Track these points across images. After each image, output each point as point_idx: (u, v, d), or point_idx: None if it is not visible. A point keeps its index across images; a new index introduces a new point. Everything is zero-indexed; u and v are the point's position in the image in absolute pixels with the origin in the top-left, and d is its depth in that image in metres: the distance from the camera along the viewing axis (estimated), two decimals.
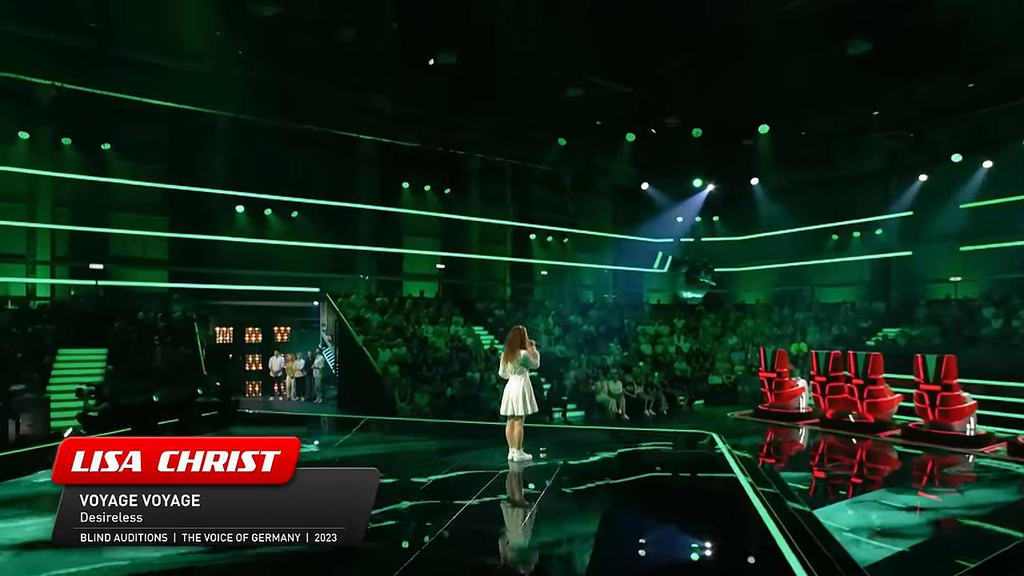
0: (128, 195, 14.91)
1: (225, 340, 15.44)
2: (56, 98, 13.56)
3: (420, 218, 18.82)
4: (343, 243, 16.99)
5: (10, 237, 13.88)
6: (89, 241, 14.29)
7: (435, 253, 19.00)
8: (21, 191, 14.01)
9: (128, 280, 14.96)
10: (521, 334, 6.40)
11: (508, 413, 6.32)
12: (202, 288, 14.99)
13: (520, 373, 6.26)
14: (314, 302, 15.60)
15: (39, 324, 11.41)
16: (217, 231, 15.18)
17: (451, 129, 18.09)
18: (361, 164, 18.08)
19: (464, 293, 18.62)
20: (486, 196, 20.12)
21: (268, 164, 15.88)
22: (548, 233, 20.77)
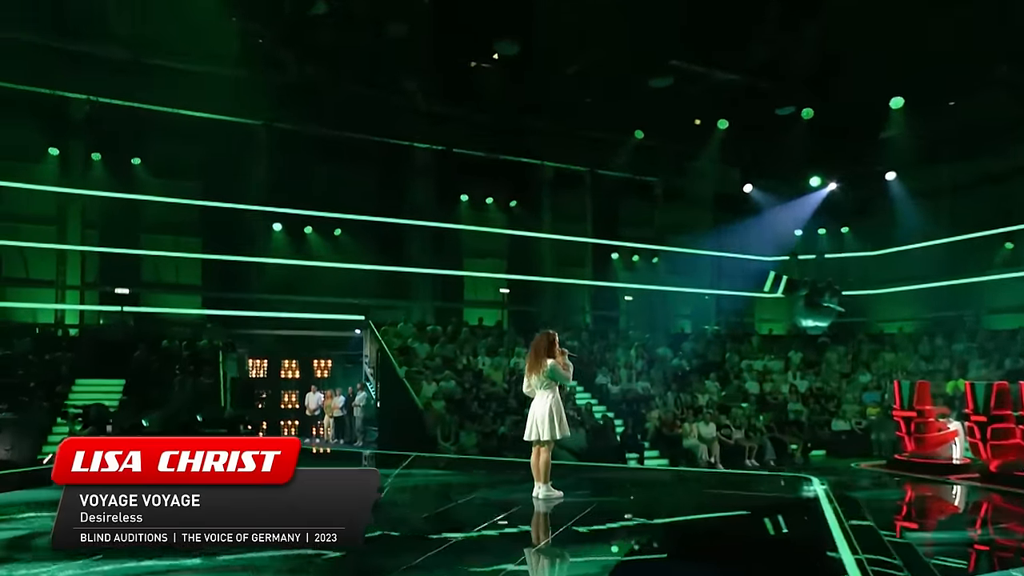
0: (161, 215, 16.33)
1: (259, 373, 16.43)
2: (89, 113, 15.14)
3: (483, 236, 19.54)
4: (393, 265, 17.89)
5: (40, 261, 15.52)
6: (120, 265, 15.66)
7: (500, 276, 19.54)
8: (51, 212, 15.64)
9: (161, 307, 16.31)
10: (549, 340, 6.30)
11: (532, 438, 6.16)
12: (236, 315, 16.07)
13: (548, 388, 6.13)
14: (356, 331, 16.25)
15: (58, 352, 12.65)
16: (253, 252, 16.27)
17: (516, 133, 18.70)
18: (413, 175, 18.97)
19: (533, 321, 18.96)
20: (559, 209, 20.67)
21: (309, 177, 17.04)
22: (633, 251, 20.97)
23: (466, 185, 19.07)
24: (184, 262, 16.72)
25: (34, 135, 15.15)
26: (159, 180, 16.22)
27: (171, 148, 16.47)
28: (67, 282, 15.66)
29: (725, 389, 14.97)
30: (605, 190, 20.71)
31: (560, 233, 20.29)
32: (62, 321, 15.60)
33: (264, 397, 15.93)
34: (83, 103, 15.42)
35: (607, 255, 20.79)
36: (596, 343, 16.87)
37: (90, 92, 15.22)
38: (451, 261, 18.71)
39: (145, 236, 16.47)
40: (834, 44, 15.47)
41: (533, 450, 6.21)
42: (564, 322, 19.08)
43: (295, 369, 16.99)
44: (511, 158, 19.44)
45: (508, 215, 19.93)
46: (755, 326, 21.59)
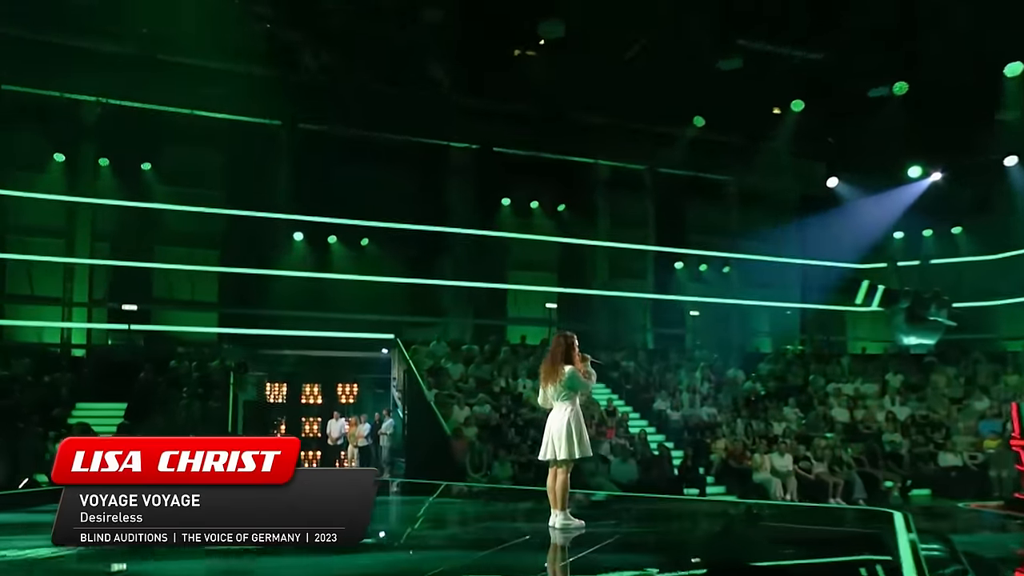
0: (175, 225, 16.94)
1: (277, 398, 16.73)
2: (100, 115, 15.94)
3: (528, 245, 19.64)
4: (427, 278, 18.24)
5: (46, 276, 16.18)
6: (130, 280, 16.25)
7: (547, 289, 19.48)
8: (58, 223, 16.38)
9: (174, 325, 16.97)
10: (567, 343, 6.23)
11: (547, 457, 6.13)
12: (254, 334, 16.46)
13: (566, 400, 6.09)
14: (383, 351, 16.36)
15: (58, 373, 13.15)
16: (272, 264, 16.68)
17: (564, 128, 18.77)
18: (449, 177, 19.36)
19: (586, 339, 19.30)
20: (615, 213, 20.77)
21: (333, 181, 17.28)
22: (701, 260, 20.80)
23: (508, 188, 19.21)
24: (199, 277, 17.28)
25: (39, 140, 15.89)
26: (171, 188, 16.80)
27: (184, 152, 17.22)
28: (74, 299, 16.38)
29: (806, 416, 14.64)
30: (667, 190, 20.60)
31: (616, 240, 20.26)
32: (69, 340, 16.32)
33: (280, 423, 16.18)
34: (93, 105, 16.22)
35: (670, 265, 20.60)
36: (655, 364, 16.78)
37: (98, 93, 16.00)
38: (492, 273, 18.85)
39: (159, 248, 17.08)
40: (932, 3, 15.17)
41: (549, 472, 6.18)
42: (620, 341, 18.88)
43: (317, 394, 17.20)
44: (558, 156, 19.52)
45: (556, 220, 19.98)
46: (846, 344, 21.08)
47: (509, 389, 14.54)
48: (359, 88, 17.02)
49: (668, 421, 14.69)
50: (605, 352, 17.70)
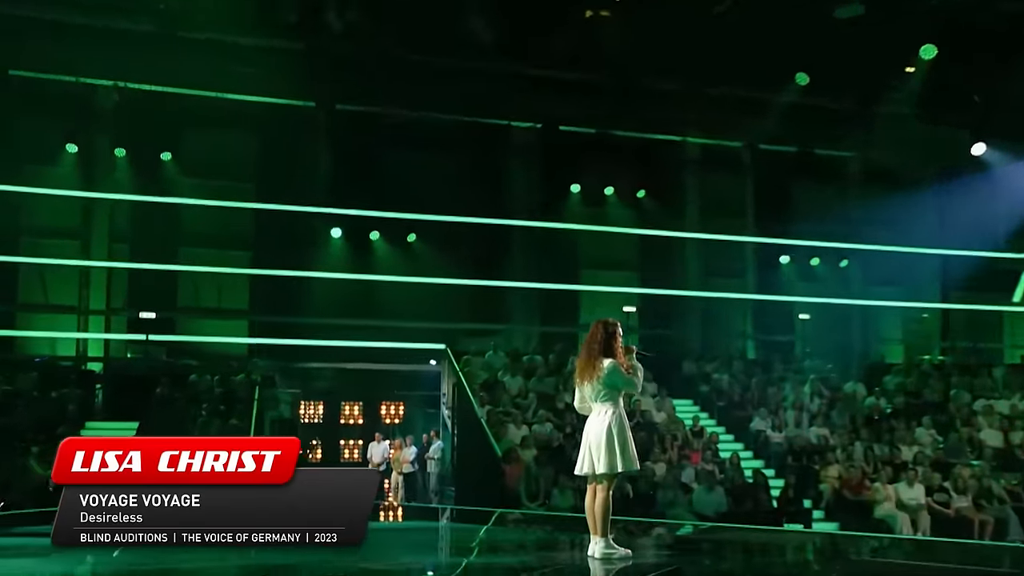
0: (200, 223, 17.50)
1: (314, 418, 17.13)
2: (116, 101, 16.66)
3: (603, 238, 19.60)
4: (484, 278, 18.36)
5: (61, 282, 16.90)
6: (152, 286, 16.85)
7: (626, 290, 19.35)
8: (73, 223, 17.09)
9: (201, 335, 17.47)
10: (607, 331, 6.06)
11: (584, 471, 6.00)
12: (287, 344, 16.93)
13: (608, 401, 5.92)
14: (431, 362, 16.60)
15: (65, 388, 13.71)
16: (307, 265, 17.12)
17: (644, 100, 18.48)
18: (509, 162, 19.42)
19: (671, 347, 18.84)
20: (708, 199, 20.51)
21: (376, 170, 17.65)
22: (812, 252, 20.24)
23: (578, 172, 19.05)
24: (228, 281, 17.86)
25: (49, 130, 16.62)
26: (195, 180, 17.40)
27: (209, 141, 17.81)
28: (90, 307, 17.07)
29: (946, 439, 14.23)
30: (770, 170, 20.21)
31: (708, 231, 19.99)
32: (84, 353, 17.00)
33: (316, 446, 16.51)
34: (109, 90, 16.95)
35: (775, 259, 20.19)
36: (755, 377, 16.48)
37: (113, 76, 16.73)
38: (560, 272, 18.81)
39: (184, 250, 17.78)
40: None
41: (588, 490, 6.05)
42: (714, 350, 18.77)
43: (358, 414, 17.46)
44: (637, 134, 19.34)
45: (635, 209, 19.75)
46: (1001, 352, 20.52)
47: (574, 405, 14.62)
48: (403, 62, 17.25)
49: (768, 444, 14.42)
50: (695, 363, 17.59)
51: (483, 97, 18.46)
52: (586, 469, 6.06)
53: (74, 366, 16.17)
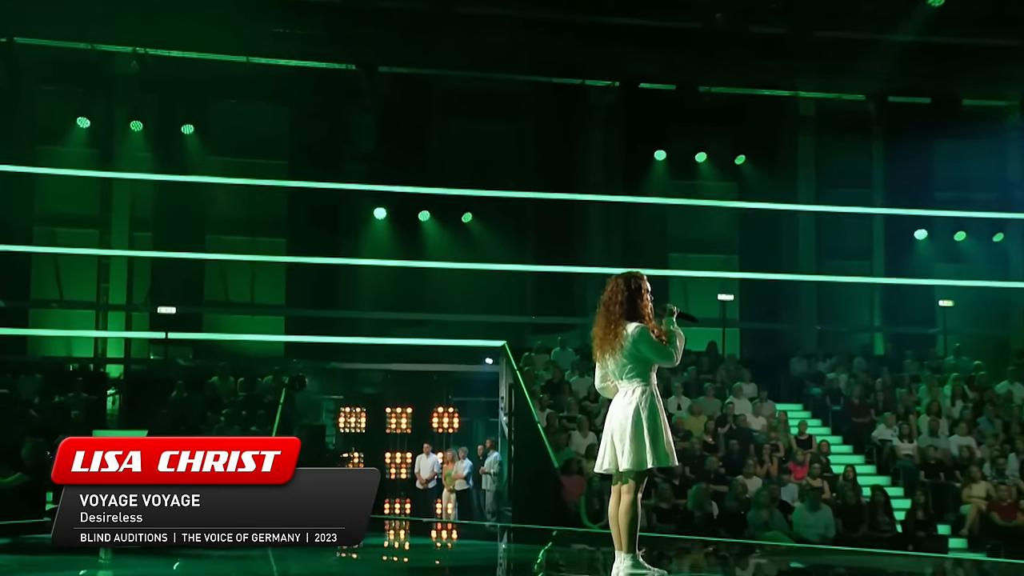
0: (229, 206, 18.18)
1: (357, 427, 17.38)
2: (135, 69, 17.33)
3: (694, 214, 19.70)
4: (552, 263, 18.59)
5: (77, 275, 17.77)
6: (177, 279, 17.58)
7: (723, 274, 19.41)
8: (89, 209, 17.99)
9: (232, 332, 18.18)
10: (631, 287, 5.70)
11: (605, 468, 5.70)
12: (326, 342, 17.41)
13: (636, 378, 5.55)
14: (487, 361, 16.87)
15: (70, 393, 14.27)
16: (346, 251, 17.75)
17: (741, 48, 18.52)
18: (581, 126, 19.60)
19: (772, 345, 18.89)
20: (823, 166, 20.43)
21: (426, 140, 18.16)
22: (957, 225, 19.78)
23: (663, 136, 19.05)
24: (261, 271, 18.52)
25: (61, 104, 17.57)
26: (221, 158, 18.16)
27: (237, 112, 18.62)
28: (110, 301, 17.96)
29: None
30: (903, 125, 19.72)
31: (825, 202, 19.89)
32: (103, 353, 17.75)
33: (353, 457, 16.79)
34: (127, 57, 17.71)
35: (908, 234, 19.86)
36: (880, 376, 16.28)
37: (134, 42, 17.49)
38: (644, 255, 18.67)
39: (211, 237, 18.55)
40: None
41: (612, 492, 5.72)
42: (832, 346, 18.61)
43: (406, 424, 17.60)
44: (734, 90, 19.25)
45: (734, 179, 19.77)
46: None
47: None
48: (456, 16, 17.64)
49: (894, 456, 14.20)
50: (806, 361, 17.46)
51: (550, 52, 18.60)
52: (607, 465, 5.69)
53: (81, 368, 16.82)
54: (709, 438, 14.14)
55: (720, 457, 13.55)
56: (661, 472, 12.78)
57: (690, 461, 13.34)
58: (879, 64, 19.00)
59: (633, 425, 5.61)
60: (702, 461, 13.34)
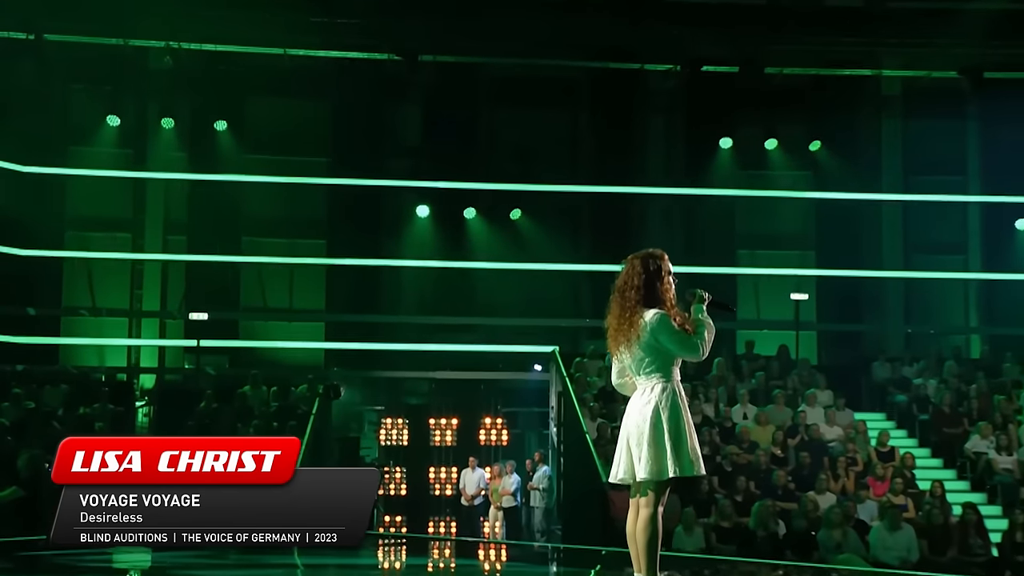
0: (266, 206, 18.64)
1: (398, 439, 17.37)
2: (168, 64, 17.85)
3: (767, 207, 19.60)
4: (607, 262, 18.85)
5: (110, 281, 18.36)
6: (212, 284, 18.10)
7: (798, 272, 19.24)
8: (121, 212, 18.59)
9: (269, 339, 18.58)
10: (650, 268, 5.46)
11: (621, 477, 5.44)
12: (366, 349, 17.72)
13: (656, 373, 5.33)
14: (535, 367, 16.83)
15: (96, 404, 14.55)
16: (388, 251, 18.03)
17: (816, 23, 18.43)
18: (641, 114, 19.64)
19: (855, 347, 18.61)
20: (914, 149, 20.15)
21: (473, 132, 18.37)
22: None
23: (729, 122, 19.00)
24: (301, 275, 18.99)
25: (90, 103, 18.19)
26: (257, 156, 18.59)
27: (273, 107, 19.11)
28: (143, 308, 18.46)
29: None
30: (1001, 106, 19.25)
31: (913, 191, 19.64)
32: (137, 363, 18.23)
33: (395, 473, 17.05)
34: (160, 52, 18.22)
35: (1008, 224, 19.52)
36: (976, 382, 15.99)
37: (167, 36, 17.97)
38: (709, 252, 18.83)
39: (247, 240, 18.96)
40: None
41: (631, 506, 5.47)
42: (920, 349, 18.35)
43: (451, 438, 17.68)
44: (807, 70, 19.14)
45: (809, 167, 19.50)
46: None
47: (717, 419, 14.35)
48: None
49: (990, 470, 13.90)
50: (890, 365, 17.19)
51: (605, 35, 18.62)
52: (622, 474, 5.39)
53: (108, 378, 17.23)
54: (777, 450, 13.92)
55: (789, 471, 13.32)
56: (723, 488, 12.94)
57: (755, 476, 13.16)
58: (973, 35, 18.63)
59: (652, 428, 5.34)
60: (768, 476, 13.10)
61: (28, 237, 17.84)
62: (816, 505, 12.20)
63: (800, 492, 12.80)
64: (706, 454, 13.37)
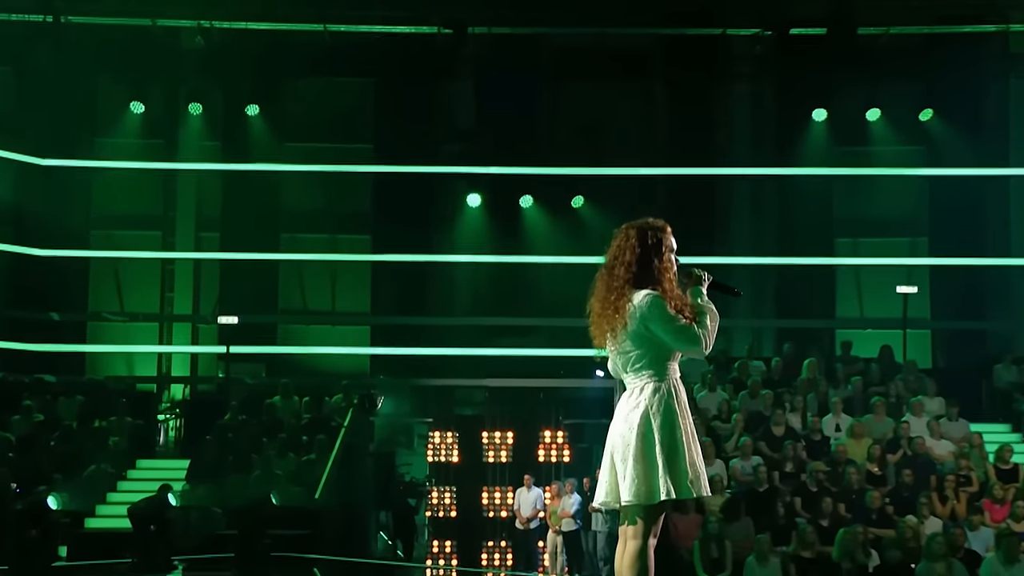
0: (304, 199, 18.63)
1: (448, 455, 16.91)
2: (200, 45, 17.88)
3: (867, 187, 19.03)
4: (688, 253, 18.44)
5: (141, 283, 18.38)
6: (248, 284, 17.97)
7: (907, 261, 18.80)
8: (153, 210, 18.63)
9: (310, 344, 18.45)
10: (646, 240, 4.90)
11: (603, 500, 4.98)
12: (413, 355, 17.48)
13: (646, 371, 4.84)
14: (597, 373, 16.15)
15: (112, 417, 14.58)
16: (438, 246, 17.81)
17: None
18: (724, 85, 19.25)
19: (976, 347, 17.90)
20: None
21: (525, 111, 18.03)
22: None
23: (821, 91, 18.52)
24: (345, 273, 18.83)
25: (114, 89, 18.13)
26: (295, 144, 18.55)
27: (313, 88, 19.07)
28: (174, 312, 18.46)
29: None
30: None
31: None
32: (168, 372, 18.18)
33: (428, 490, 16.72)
34: (192, 32, 18.23)
35: None
36: None
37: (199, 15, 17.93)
38: (803, 239, 18.46)
39: (285, 236, 18.88)
40: None
41: (619, 534, 4.97)
42: None
43: (506, 455, 17.25)
44: (914, 29, 18.54)
45: (921, 140, 18.88)
46: None
47: (804, 431, 13.94)
48: None
49: None
50: (1017, 368, 16.39)
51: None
52: (604, 496, 4.90)
53: (126, 389, 17.14)
54: (873, 467, 13.39)
55: (887, 492, 12.73)
56: (806, 511, 12.26)
57: (845, 497, 12.53)
58: None
59: (640, 440, 4.83)
60: (861, 497, 12.47)
61: (51, 236, 17.80)
62: (916, 532, 11.67)
63: (898, 517, 12.18)
64: (790, 471, 13.12)
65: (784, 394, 14.84)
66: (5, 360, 17.57)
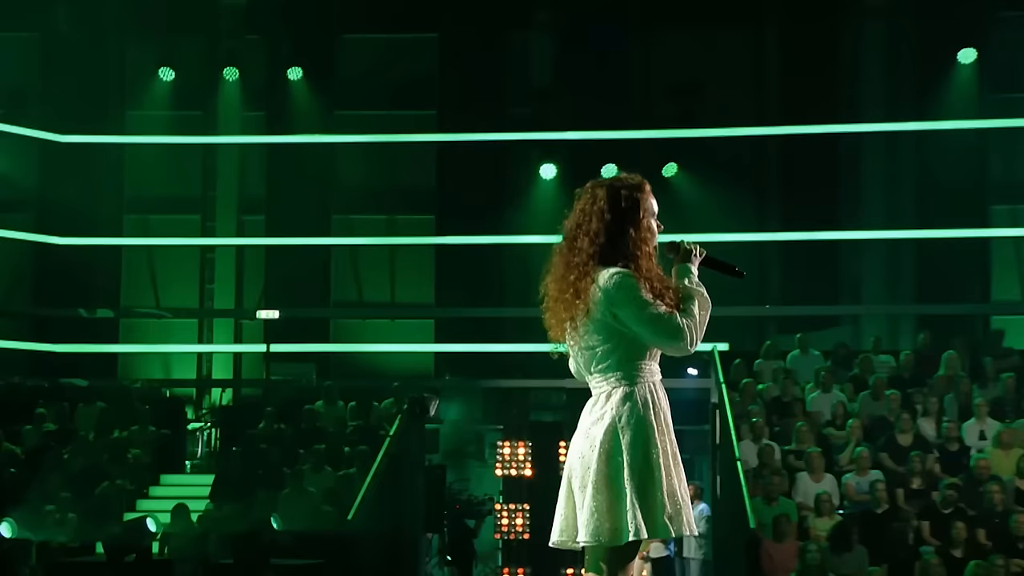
0: (358, 175, 18.55)
1: (518, 467, 16.13)
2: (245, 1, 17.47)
3: None
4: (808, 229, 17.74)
5: (178, 274, 18.29)
6: (295, 273, 17.91)
7: None
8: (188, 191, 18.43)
9: (365, 342, 18.31)
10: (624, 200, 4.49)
11: (558, 539, 4.62)
12: (487, 351, 17.26)
13: (614, 373, 4.45)
14: (689, 371, 16.11)
15: (134, 427, 14.25)
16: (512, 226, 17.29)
17: None
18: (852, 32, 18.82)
19: None
20: None
21: (612, 64, 17.78)
22: None
23: (970, 33, 17.76)
24: (405, 259, 18.66)
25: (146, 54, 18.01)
26: (348, 111, 18.36)
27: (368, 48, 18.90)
28: (215, 306, 18.26)
29: None
30: None
31: None
32: (208, 374, 18.15)
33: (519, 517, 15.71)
34: None
35: None
36: None
37: None
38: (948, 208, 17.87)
39: (337, 218, 18.76)
40: None
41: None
42: None
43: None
44: None
45: None
46: None
47: (938, 439, 13.43)
48: None
49: None
50: None
51: None
52: (559, 535, 4.55)
53: (150, 394, 16.73)
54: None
55: None
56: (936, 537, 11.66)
57: (987, 522, 11.79)
58: None
59: (603, 461, 4.41)
60: (1005, 522, 11.66)
61: (80, 223, 17.63)
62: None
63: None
64: (917, 488, 12.42)
65: (915, 395, 14.12)
66: (28, 363, 17.41)
